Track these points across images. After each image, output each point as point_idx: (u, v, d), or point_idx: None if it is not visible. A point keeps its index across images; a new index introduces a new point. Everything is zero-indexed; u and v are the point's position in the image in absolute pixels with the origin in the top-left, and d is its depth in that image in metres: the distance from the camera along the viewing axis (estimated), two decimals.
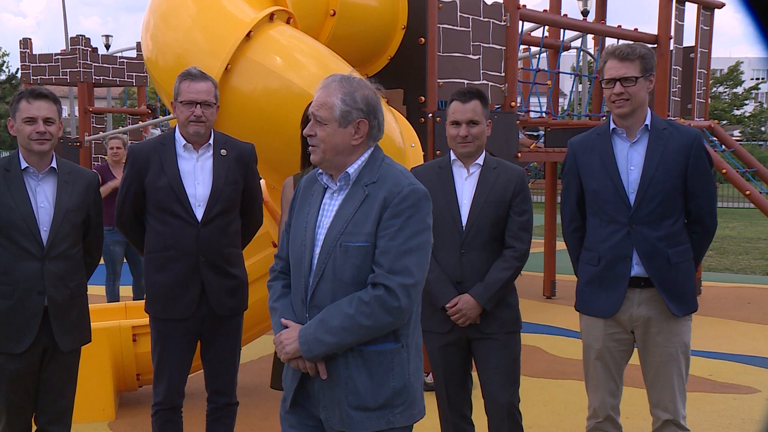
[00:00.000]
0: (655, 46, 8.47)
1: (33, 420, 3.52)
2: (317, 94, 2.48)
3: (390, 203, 2.40)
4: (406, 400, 2.47)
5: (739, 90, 41.11)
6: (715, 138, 9.97)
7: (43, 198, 3.38)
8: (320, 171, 2.54)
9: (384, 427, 2.44)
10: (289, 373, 2.54)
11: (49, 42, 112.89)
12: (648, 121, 3.29)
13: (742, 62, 40.80)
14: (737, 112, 41.19)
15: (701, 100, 9.70)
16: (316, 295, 2.43)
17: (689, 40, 9.36)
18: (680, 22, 8.92)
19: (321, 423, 2.51)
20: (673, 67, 8.84)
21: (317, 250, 2.45)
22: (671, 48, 8.72)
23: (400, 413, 2.46)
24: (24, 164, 3.37)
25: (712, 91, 37.27)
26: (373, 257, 2.39)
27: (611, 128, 3.32)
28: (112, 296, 7.25)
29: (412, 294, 2.39)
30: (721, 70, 40.51)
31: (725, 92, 40.81)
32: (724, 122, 37.85)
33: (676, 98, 9.06)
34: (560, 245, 3.73)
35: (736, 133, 39.70)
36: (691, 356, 3.39)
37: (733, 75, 40.27)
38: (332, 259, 2.41)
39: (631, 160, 3.29)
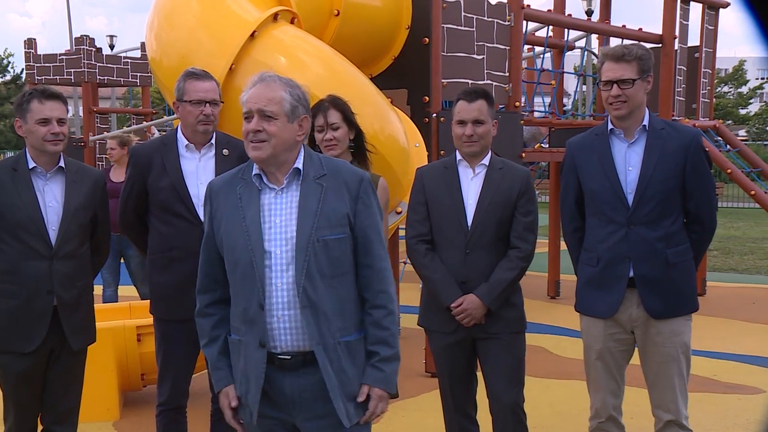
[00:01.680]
0: (660, 45, 8.46)
1: (39, 419, 3.53)
2: (252, 90, 2.44)
3: (358, 191, 2.48)
4: None
5: (744, 89, 40.99)
6: (720, 138, 9.95)
7: (52, 197, 3.38)
8: (255, 172, 2.49)
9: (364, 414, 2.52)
10: (252, 384, 2.46)
11: (54, 42, 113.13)
12: (646, 122, 3.28)
13: (745, 61, 40.66)
14: (742, 112, 41.09)
15: (706, 100, 9.69)
16: (305, 295, 2.39)
17: (694, 39, 9.35)
18: (685, 22, 8.90)
19: (292, 428, 2.52)
20: (678, 66, 8.82)
21: (277, 250, 2.41)
22: (676, 48, 8.70)
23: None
24: (32, 164, 3.37)
25: (717, 90, 37.16)
26: (350, 247, 2.47)
27: (609, 128, 3.32)
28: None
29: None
30: (725, 69, 40.38)
31: (730, 92, 40.70)
32: (729, 122, 37.74)
33: (681, 98, 9.05)
34: (565, 245, 3.73)
35: (742, 132, 39.59)
36: (696, 356, 3.39)
37: (738, 74, 40.14)
38: (312, 256, 2.40)
39: (629, 160, 3.28)
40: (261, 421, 2.51)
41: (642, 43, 4.01)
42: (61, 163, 3.42)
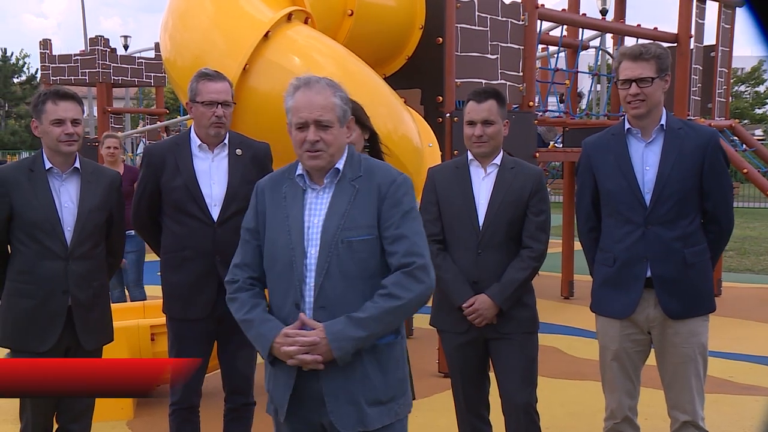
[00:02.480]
0: (675, 44, 8.41)
1: (54, 418, 3.55)
2: (300, 97, 2.41)
3: (386, 193, 2.44)
4: (405, 391, 2.54)
5: (761, 89, 40.66)
6: (736, 137, 9.87)
7: (67, 198, 3.40)
8: (299, 173, 2.50)
9: (393, 420, 2.48)
10: (281, 381, 2.47)
11: (70, 43, 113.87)
12: (663, 121, 3.27)
13: (765, 60, 40.29)
14: (759, 111, 40.78)
15: (722, 100, 9.61)
16: (322, 294, 2.39)
17: (710, 38, 9.28)
18: (701, 21, 8.84)
19: (320, 429, 2.49)
20: (694, 66, 8.76)
21: (312, 250, 2.42)
22: (691, 47, 8.64)
23: (402, 403, 2.52)
24: (48, 164, 3.39)
25: (734, 90, 36.90)
26: (378, 249, 2.42)
27: (626, 128, 3.30)
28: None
29: (431, 274, 2.45)
30: (742, 68, 40.09)
31: (747, 91, 40.39)
32: (746, 121, 37.45)
33: (697, 97, 8.98)
34: (578, 245, 3.72)
35: (759, 132, 39.30)
36: (712, 357, 3.36)
37: (756, 74, 39.83)
38: (335, 256, 2.39)
39: (646, 160, 3.26)
40: (290, 420, 2.50)
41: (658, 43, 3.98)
42: (77, 164, 3.44)
